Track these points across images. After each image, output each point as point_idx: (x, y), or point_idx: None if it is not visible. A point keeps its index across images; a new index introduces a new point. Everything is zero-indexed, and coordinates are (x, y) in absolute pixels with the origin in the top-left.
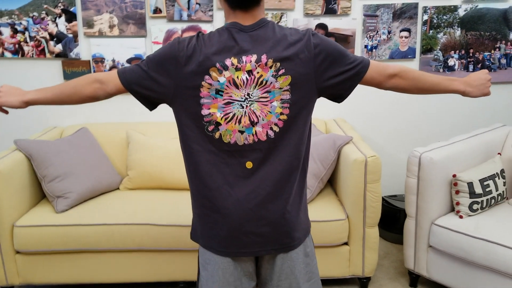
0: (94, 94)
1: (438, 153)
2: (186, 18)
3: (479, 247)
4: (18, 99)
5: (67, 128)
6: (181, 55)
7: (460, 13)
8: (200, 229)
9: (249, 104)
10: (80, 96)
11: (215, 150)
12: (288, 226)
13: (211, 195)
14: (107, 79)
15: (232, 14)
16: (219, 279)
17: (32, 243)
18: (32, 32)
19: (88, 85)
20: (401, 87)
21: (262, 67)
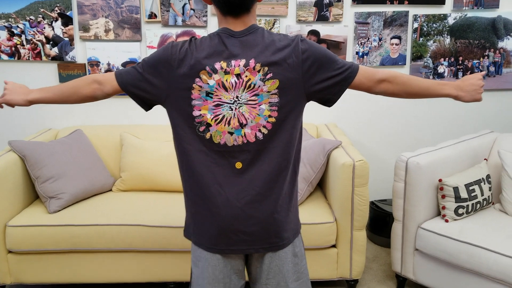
0: (93, 94)
1: (425, 158)
2: (180, 23)
3: (463, 250)
4: (22, 97)
5: (62, 130)
6: (173, 58)
7: (449, 21)
8: (192, 226)
9: (238, 106)
10: (79, 96)
11: (206, 150)
12: (276, 226)
13: (202, 193)
14: (105, 80)
15: (223, 20)
16: (208, 276)
17: (24, 243)
18: (29, 35)
19: (87, 85)
20: (391, 91)
21: (250, 71)
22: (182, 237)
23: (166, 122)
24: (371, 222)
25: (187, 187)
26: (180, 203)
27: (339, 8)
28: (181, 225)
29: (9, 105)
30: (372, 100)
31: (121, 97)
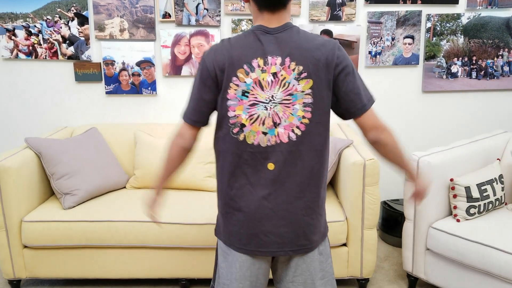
0: (184, 151)
1: (436, 158)
2: (194, 23)
3: (474, 250)
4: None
5: (77, 127)
6: (211, 68)
7: (463, 21)
8: (223, 226)
9: (273, 106)
10: (179, 162)
11: (239, 152)
12: (307, 228)
13: (233, 194)
14: (181, 133)
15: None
16: (236, 272)
17: (39, 238)
18: (46, 35)
19: (175, 150)
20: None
21: (286, 70)
22: (194, 234)
23: (179, 120)
24: (383, 222)
25: (220, 187)
26: (192, 200)
27: (352, 7)
28: (193, 222)
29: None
30: (384, 99)
31: (135, 95)
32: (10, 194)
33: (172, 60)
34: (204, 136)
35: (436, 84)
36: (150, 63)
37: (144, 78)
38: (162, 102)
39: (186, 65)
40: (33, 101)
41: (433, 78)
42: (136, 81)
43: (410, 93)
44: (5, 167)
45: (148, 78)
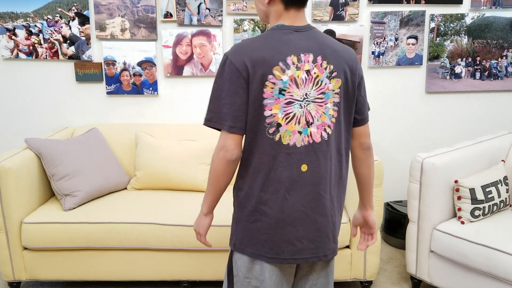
0: (230, 163)
1: (441, 159)
2: (196, 22)
3: (479, 253)
4: (205, 222)
5: (78, 128)
6: (241, 68)
7: (467, 21)
8: (249, 237)
9: (306, 104)
10: (229, 179)
11: (274, 153)
12: (335, 230)
13: (267, 198)
14: (225, 145)
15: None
16: (269, 285)
17: (39, 240)
18: (46, 35)
19: (224, 170)
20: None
21: (318, 68)
22: (195, 236)
23: (181, 121)
24: (386, 224)
25: (249, 193)
26: (194, 202)
27: (355, 7)
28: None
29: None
30: (387, 100)
31: (136, 96)
32: (10, 195)
33: (174, 60)
34: (205, 137)
35: (440, 85)
36: (152, 63)
37: (146, 78)
38: (163, 102)
39: (188, 65)
40: (34, 101)
41: (437, 79)
42: (137, 81)
43: (413, 93)
44: (5, 168)
45: (149, 78)
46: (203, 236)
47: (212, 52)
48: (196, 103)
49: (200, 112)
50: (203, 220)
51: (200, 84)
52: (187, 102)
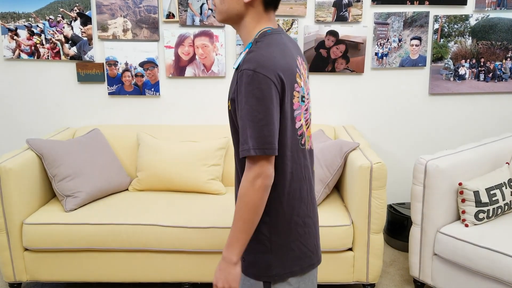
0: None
1: (445, 161)
2: (198, 23)
3: (484, 256)
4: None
5: (79, 129)
6: (276, 81)
7: (471, 22)
8: (297, 255)
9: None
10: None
11: (305, 162)
12: None
13: (310, 209)
14: (261, 170)
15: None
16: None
17: (40, 241)
18: (48, 35)
19: (263, 197)
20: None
21: (304, 69)
22: (197, 238)
23: (183, 122)
24: (388, 226)
25: (294, 210)
26: (196, 203)
27: (358, 8)
28: (196, 226)
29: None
30: (390, 102)
31: (138, 96)
32: (11, 196)
33: (176, 61)
34: (207, 138)
35: (443, 86)
36: (154, 63)
37: (147, 79)
38: (165, 103)
39: (190, 66)
40: (35, 101)
41: (440, 80)
42: (139, 82)
43: (416, 95)
44: (6, 168)
45: (151, 79)
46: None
47: (215, 53)
48: (198, 104)
49: (201, 113)
50: (233, 270)
51: (202, 85)
52: (189, 103)
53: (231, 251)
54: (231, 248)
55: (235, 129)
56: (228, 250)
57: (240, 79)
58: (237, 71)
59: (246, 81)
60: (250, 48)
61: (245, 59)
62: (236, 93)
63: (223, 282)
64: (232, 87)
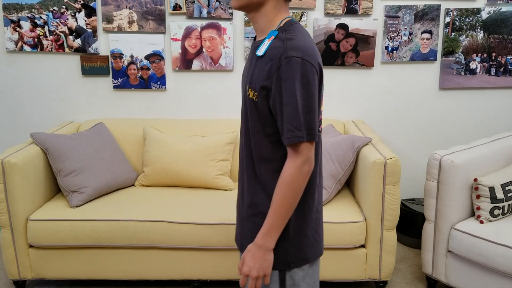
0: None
1: (459, 157)
2: (205, 15)
3: (500, 253)
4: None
5: (84, 123)
6: (319, 70)
7: (483, 15)
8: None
9: None
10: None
11: (321, 146)
12: None
13: (317, 193)
14: (308, 156)
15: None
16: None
17: (45, 238)
18: (52, 27)
19: (306, 183)
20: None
21: None
22: (206, 234)
23: (190, 116)
24: (398, 222)
25: (313, 196)
26: (205, 199)
27: (369, 1)
28: (205, 222)
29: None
30: (400, 96)
31: (144, 90)
32: (16, 192)
33: (182, 53)
34: (215, 133)
35: (454, 81)
36: (160, 56)
37: (153, 72)
38: (171, 97)
39: (197, 59)
40: (38, 95)
41: (451, 75)
42: (145, 75)
43: (427, 90)
44: (11, 163)
45: (157, 72)
46: (268, 276)
47: (222, 46)
48: (205, 98)
49: (209, 107)
50: (268, 257)
51: (210, 79)
52: (196, 97)
53: (269, 239)
54: (270, 235)
55: (259, 117)
56: (266, 237)
57: (286, 66)
58: (263, 58)
59: (295, 68)
60: (278, 35)
61: (288, 47)
62: (273, 80)
63: (258, 271)
64: (260, 73)
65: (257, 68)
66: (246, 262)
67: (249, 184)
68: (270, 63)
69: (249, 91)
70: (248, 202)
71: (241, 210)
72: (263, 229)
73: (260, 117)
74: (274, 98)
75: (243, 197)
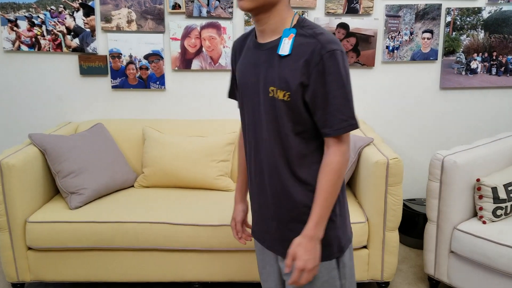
0: None
1: (462, 157)
2: (205, 14)
3: (504, 254)
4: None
5: (82, 123)
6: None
7: (484, 15)
8: (347, 223)
9: None
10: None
11: None
12: None
13: None
14: (349, 143)
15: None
16: None
17: (44, 240)
18: (49, 26)
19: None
20: None
21: None
22: (207, 236)
23: (190, 116)
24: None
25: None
26: (205, 200)
27: (370, 0)
28: (206, 223)
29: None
30: (400, 96)
31: (143, 90)
32: (14, 193)
33: (182, 53)
34: (215, 133)
35: (455, 81)
36: (159, 56)
37: (152, 72)
38: (171, 97)
39: (197, 58)
40: (36, 95)
41: (452, 74)
42: (144, 75)
43: (427, 89)
44: (9, 164)
45: (156, 72)
46: (318, 267)
47: (222, 45)
48: (205, 98)
49: (208, 108)
50: (319, 247)
51: (210, 78)
52: (196, 97)
53: (319, 228)
54: (320, 225)
55: (291, 116)
56: (317, 228)
57: (329, 60)
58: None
59: (339, 60)
60: (299, 32)
61: (324, 41)
62: (312, 75)
63: (313, 262)
64: (292, 72)
65: (284, 68)
66: (300, 256)
67: (285, 187)
68: (302, 60)
69: (277, 93)
70: (288, 205)
71: (277, 214)
72: (313, 220)
73: (293, 115)
74: (314, 92)
75: (276, 203)
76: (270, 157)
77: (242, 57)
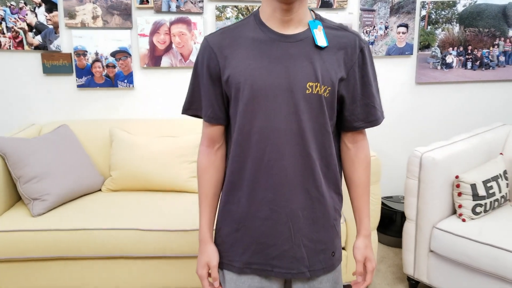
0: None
1: (440, 153)
2: (174, 9)
3: (484, 252)
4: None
5: (46, 125)
6: None
7: (459, 8)
8: None
9: None
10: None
11: None
12: None
13: None
14: None
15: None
16: None
17: (5, 250)
18: (10, 23)
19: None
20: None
21: None
22: (179, 242)
23: (160, 115)
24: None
25: None
26: (177, 203)
27: None
28: (178, 228)
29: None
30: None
31: (110, 89)
32: None
33: (151, 50)
34: (186, 133)
35: (430, 75)
36: (126, 53)
37: (120, 70)
38: (139, 95)
39: (166, 55)
40: None
41: (427, 69)
42: (111, 73)
43: (403, 85)
44: None
45: (124, 70)
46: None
47: (193, 41)
48: (176, 96)
49: (179, 106)
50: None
51: (180, 76)
52: (166, 95)
53: (367, 228)
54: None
55: (325, 112)
56: (369, 225)
57: (368, 52)
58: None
59: (370, 53)
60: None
61: (358, 33)
62: (354, 68)
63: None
64: (333, 65)
65: (325, 61)
66: (370, 258)
67: (319, 190)
68: (341, 52)
69: (317, 88)
70: (321, 210)
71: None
72: (367, 217)
73: (328, 111)
74: (353, 85)
75: (309, 209)
76: (305, 161)
77: (241, 53)
